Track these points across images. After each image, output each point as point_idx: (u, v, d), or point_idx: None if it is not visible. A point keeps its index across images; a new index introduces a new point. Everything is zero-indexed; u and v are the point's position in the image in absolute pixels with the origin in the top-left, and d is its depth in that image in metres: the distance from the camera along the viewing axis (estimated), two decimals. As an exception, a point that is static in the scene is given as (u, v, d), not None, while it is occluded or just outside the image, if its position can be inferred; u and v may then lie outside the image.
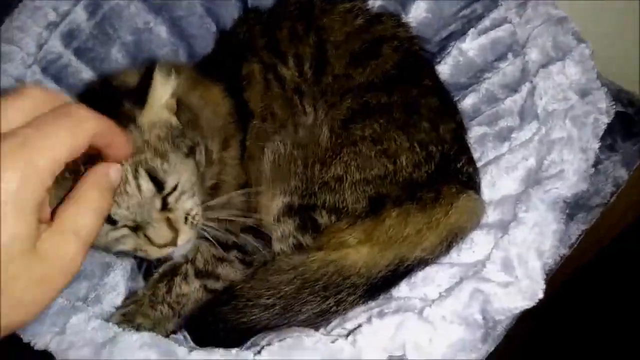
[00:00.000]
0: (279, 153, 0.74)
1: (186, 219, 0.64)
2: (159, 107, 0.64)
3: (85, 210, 0.45)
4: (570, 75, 0.62)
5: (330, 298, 0.64)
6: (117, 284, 0.69)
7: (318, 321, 0.65)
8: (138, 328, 0.63)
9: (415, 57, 0.77)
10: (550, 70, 0.64)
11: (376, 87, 0.72)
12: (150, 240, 0.61)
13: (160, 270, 0.72)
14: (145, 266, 0.76)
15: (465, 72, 0.80)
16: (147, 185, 0.59)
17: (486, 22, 0.76)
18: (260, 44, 0.81)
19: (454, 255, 0.63)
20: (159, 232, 0.61)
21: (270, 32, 0.82)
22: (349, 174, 0.70)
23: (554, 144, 0.59)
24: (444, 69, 0.82)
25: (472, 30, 0.78)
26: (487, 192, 0.69)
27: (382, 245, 0.64)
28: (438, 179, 0.67)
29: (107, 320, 0.59)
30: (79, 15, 0.79)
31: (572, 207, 0.89)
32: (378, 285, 0.64)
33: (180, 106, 0.67)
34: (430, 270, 0.62)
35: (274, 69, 0.79)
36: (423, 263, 0.64)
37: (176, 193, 0.63)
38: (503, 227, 0.58)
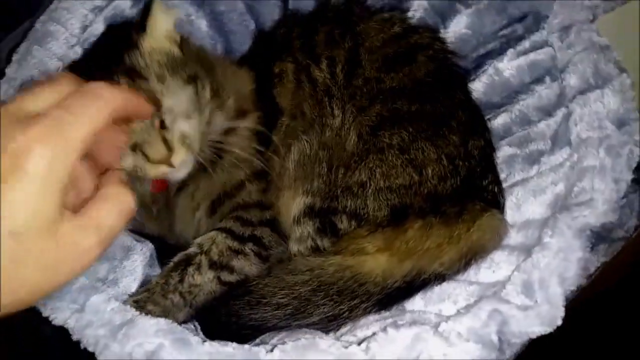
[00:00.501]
0: (305, 153, 0.75)
1: (183, 140, 0.66)
2: (159, 36, 0.70)
3: (111, 210, 0.46)
4: (608, 104, 0.61)
5: (344, 303, 0.64)
6: (135, 268, 0.69)
7: (329, 326, 0.65)
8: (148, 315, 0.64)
9: (449, 70, 0.77)
10: (588, 98, 0.63)
11: (407, 93, 0.72)
12: (147, 157, 0.64)
13: (175, 259, 0.72)
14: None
15: (500, 91, 0.79)
16: None
17: (526, 44, 0.76)
18: (297, 45, 0.82)
19: (472, 274, 0.63)
20: (154, 148, 0.64)
21: (307, 35, 0.83)
22: (373, 181, 0.70)
23: (586, 171, 0.58)
24: (478, 87, 0.81)
25: (510, 50, 0.78)
26: (511, 213, 0.68)
27: (401, 256, 0.64)
28: (463, 195, 0.67)
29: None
30: (124, 2, 0.80)
31: (595, 238, 0.89)
32: (392, 296, 0.64)
33: (184, 41, 0.73)
34: (447, 287, 0.62)
35: (307, 70, 0.79)
36: (440, 278, 0.63)
37: (172, 115, 0.66)
38: (526, 250, 0.57)
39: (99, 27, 0.78)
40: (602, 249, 0.88)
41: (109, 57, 0.68)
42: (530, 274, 0.52)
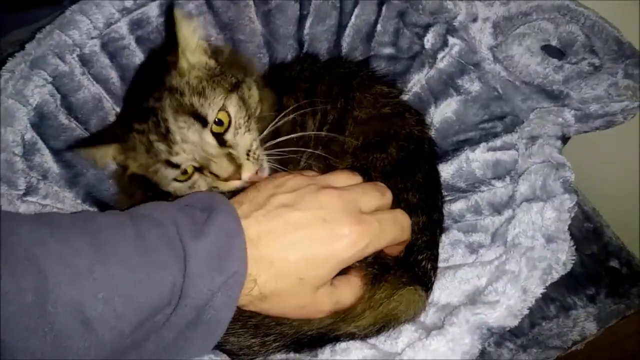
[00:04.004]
0: None
1: (248, 154, 0.70)
2: (192, 50, 0.73)
3: (350, 293, 0.65)
4: (545, 218, 0.65)
5: (258, 337, 0.67)
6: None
7: (239, 354, 0.68)
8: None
9: (418, 156, 0.80)
10: (532, 207, 0.67)
11: (369, 173, 0.75)
12: (215, 176, 0.68)
13: None
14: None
15: (465, 179, 0.83)
16: (189, 123, 0.66)
17: (497, 142, 0.80)
18: (303, 87, 0.87)
19: (380, 339, 0.66)
20: (221, 166, 0.67)
21: (314, 82, 0.87)
22: None
23: (505, 274, 0.62)
24: (448, 169, 0.86)
25: (483, 144, 0.82)
26: (439, 293, 0.72)
27: None
28: (394, 262, 0.70)
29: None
30: (152, 9, 0.85)
31: (529, 340, 0.91)
32: (304, 342, 0.67)
33: (216, 50, 0.77)
34: (352, 345, 0.65)
35: (304, 114, 0.83)
36: (350, 336, 0.66)
37: (232, 129, 0.69)
38: (429, 330, 0.61)
39: (122, 27, 0.85)
40: (535, 352, 0.90)
41: (151, 82, 0.71)
42: (417, 354, 0.56)
